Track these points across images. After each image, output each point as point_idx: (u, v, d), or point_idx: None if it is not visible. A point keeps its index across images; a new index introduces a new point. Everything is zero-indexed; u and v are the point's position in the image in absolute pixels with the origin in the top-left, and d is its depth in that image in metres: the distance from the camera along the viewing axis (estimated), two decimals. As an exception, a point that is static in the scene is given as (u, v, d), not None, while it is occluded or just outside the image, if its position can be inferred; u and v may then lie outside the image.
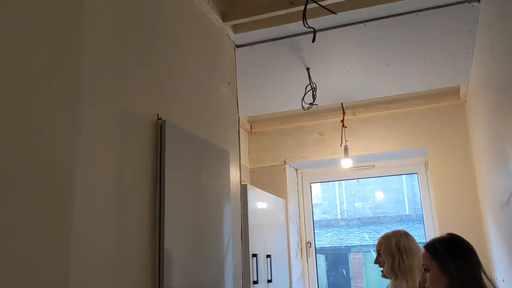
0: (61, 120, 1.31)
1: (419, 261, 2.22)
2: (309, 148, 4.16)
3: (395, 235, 2.33)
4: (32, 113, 1.21)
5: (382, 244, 2.33)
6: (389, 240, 2.31)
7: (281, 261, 3.76)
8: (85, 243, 1.34)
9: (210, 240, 2.04)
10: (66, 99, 1.34)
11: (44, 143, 1.24)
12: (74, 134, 1.36)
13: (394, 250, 2.27)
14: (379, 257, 2.34)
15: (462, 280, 1.67)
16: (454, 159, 3.65)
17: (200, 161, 2.05)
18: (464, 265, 1.70)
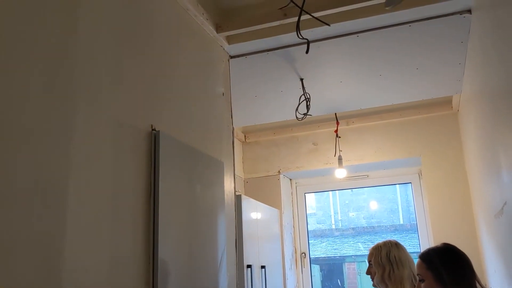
0: (54, 131, 1.30)
1: (409, 272, 2.22)
2: (303, 158, 4.16)
3: (385, 245, 2.34)
4: (26, 123, 1.21)
5: (373, 254, 2.33)
6: (380, 250, 2.32)
7: (275, 272, 3.74)
8: (78, 255, 1.32)
9: (204, 251, 2.03)
10: (59, 110, 1.33)
11: (37, 153, 1.23)
12: (68, 144, 1.35)
13: (385, 261, 2.27)
14: (370, 267, 2.34)
15: None
16: (447, 169, 3.66)
17: (194, 172, 2.04)
18: (458, 275, 1.70)
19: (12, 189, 1.14)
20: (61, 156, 1.31)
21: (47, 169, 1.26)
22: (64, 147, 1.33)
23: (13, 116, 1.17)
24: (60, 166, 1.31)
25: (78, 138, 1.39)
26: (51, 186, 1.27)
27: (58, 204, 1.28)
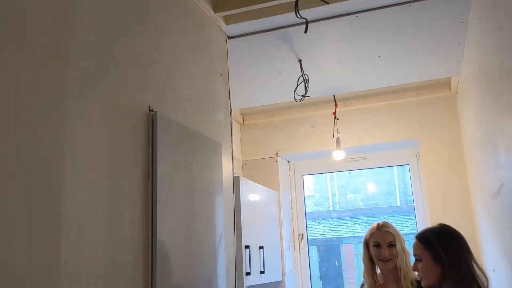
0: (50, 113, 1.29)
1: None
2: (301, 140, 4.16)
3: (397, 231, 2.35)
4: (20, 105, 1.20)
5: (395, 237, 2.30)
6: (398, 234, 2.33)
7: (273, 252, 3.78)
8: (76, 237, 1.33)
9: (203, 232, 2.04)
10: (55, 91, 1.32)
11: (33, 136, 1.22)
12: (64, 126, 1.34)
13: (405, 245, 2.32)
14: (391, 249, 2.30)
15: (455, 269, 1.69)
16: (445, 151, 3.67)
17: (192, 153, 2.04)
18: (456, 255, 1.72)
19: (8, 169, 1.14)
20: (57, 138, 1.31)
21: (43, 150, 1.25)
22: (61, 128, 1.32)
23: (6, 97, 1.16)
24: (56, 148, 1.30)
25: (75, 120, 1.38)
26: (47, 167, 1.26)
27: (55, 186, 1.28)
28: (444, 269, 1.71)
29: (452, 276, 1.69)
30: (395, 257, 2.28)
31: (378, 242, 2.31)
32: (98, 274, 1.40)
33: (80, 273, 1.33)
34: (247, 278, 3.15)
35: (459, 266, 1.70)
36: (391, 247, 2.29)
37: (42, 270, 1.20)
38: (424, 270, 1.78)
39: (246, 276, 3.14)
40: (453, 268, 1.69)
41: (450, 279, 1.69)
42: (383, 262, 2.30)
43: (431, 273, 1.75)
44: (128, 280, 1.54)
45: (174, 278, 1.77)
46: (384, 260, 2.29)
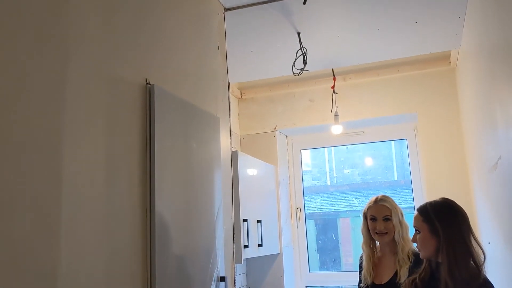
0: (47, 86, 1.28)
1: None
2: (300, 115, 4.15)
3: (394, 204, 2.37)
4: (17, 78, 1.18)
5: (391, 211, 2.32)
6: (395, 207, 2.34)
7: (271, 226, 3.82)
8: (75, 212, 1.33)
9: (201, 206, 2.05)
10: (52, 64, 1.30)
11: (29, 110, 1.21)
12: (60, 99, 1.33)
13: (402, 218, 2.34)
14: (386, 222, 2.32)
15: (450, 243, 1.72)
16: (443, 125, 3.67)
17: (190, 127, 2.03)
18: (452, 229, 1.74)
19: (7, 143, 1.13)
20: (53, 112, 1.29)
21: (39, 125, 1.24)
22: (57, 101, 1.31)
23: (3, 71, 1.14)
24: (53, 121, 1.29)
25: (71, 93, 1.37)
26: (46, 140, 1.26)
27: (53, 160, 1.28)
28: (440, 241, 1.74)
29: (447, 249, 1.71)
30: (391, 230, 2.31)
31: (374, 215, 2.34)
32: (97, 245, 1.41)
33: (79, 243, 1.34)
34: (245, 251, 3.20)
35: (455, 240, 1.72)
36: (386, 221, 2.31)
37: (42, 239, 1.21)
38: (421, 242, 1.81)
39: (244, 249, 3.18)
40: (448, 241, 1.72)
41: (444, 252, 1.72)
42: (378, 235, 2.33)
43: (428, 245, 1.78)
44: (127, 251, 1.55)
45: (173, 250, 1.79)
46: (379, 234, 2.32)
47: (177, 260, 1.82)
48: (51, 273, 1.23)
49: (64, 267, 1.27)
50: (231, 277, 2.30)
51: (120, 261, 1.51)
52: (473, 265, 1.71)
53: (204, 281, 1.97)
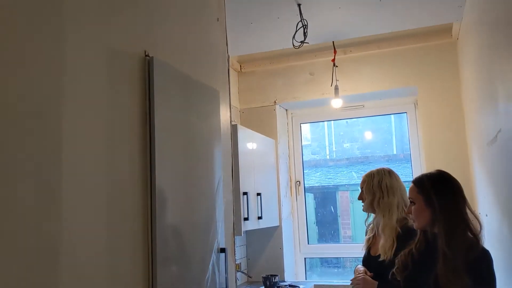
0: (45, 59, 1.27)
1: (399, 200, 2.28)
2: (300, 89, 4.13)
3: (379, 173, 2.38)
4: (15, 51, 1.17)
5: (365, 181, 2.39)
6: (372, 177, 2.37)
7: (271, 199, 3.85)
8: (75, 179, 1.34)
9: (201, 179, 2.06)
10: (50, 37, 1.29)
11: (28, 83, 1.21)
12: (59, 72, 1.32)
13: (376, 188, 2.33)
14: (362, 193, 2.41)
15: (444, 214, 1.73)
16: (443, 98, 3.66)
17: (189, 100, 2.03)
18: (447, 200, 1.75)
19: (7, 115, 1.13)
20: (52, 84, 1.29)
21: (38, 98, 1.24)
22: (56, 75, 1.30)
23: (2, 41, 1.13)
24: (52, 93, 1.29)
25: (70, 66, 1.36)
26: (45, 115, 1.25)
27: (53, 131, 1.28)
28: (435, 213, 1.76)
29: (442, 220, 1.73)
30: (364, 199, 2.39)
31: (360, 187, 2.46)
32: (97, 217, 1.42)
33: (79, 215, 1.35)
34: (245, 223, 3.23)
35: (450, 211, 1.74)
36: (362, 192, 2.41)
37: (42, 211, 1.22)
38: (416, 213, 1.83)
39: (244, 221, 3.21)
40: (443, 213, 1.74)
41: (439, 223, 1.74)
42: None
43: (423, 216, 1.80)
44: (128, 222, 1.57)
45: (173, 221, 1.81)
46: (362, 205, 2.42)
47: (177, 232, 1.84)
48: (52, 244, 1.25)
49: (65, 237, 1.28)
50: (231, 248, 2.33)
51: (121, 233, 1.53)
52: (470, 235, 1.73)
53: (204, 252, 2.00)
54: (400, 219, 2.23)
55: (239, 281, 3.77)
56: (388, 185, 2.32)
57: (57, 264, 1.25)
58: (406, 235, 2.05)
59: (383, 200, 2.30)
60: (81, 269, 1.34)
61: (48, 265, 1.23)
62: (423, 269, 1.78)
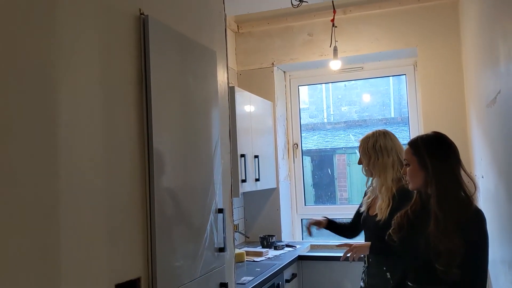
0: (35, 17, 1.23)
1: (394, 159, 2.31)
2: (298, 50, 4.07)
3: (373, 135, 2.41)
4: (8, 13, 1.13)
5: (361, 145, 2.43)
6: (367, 141, 2.41)
7: (268, 161, 3.87)
8: (70, 151, 1.33)
9: (199, 141, 2.06)
10: (39, -11, 1.24)
11: (21, 44, 1.17)
12: (52, 30, 1.28)
13: (370, 150, 2.37)
14: (360, 157, 2.45)
15: (437, 175, 1.75)
16: (443, 60, 3.61)
17: (186, 61, 1.99)
18: (440, 162, 1.76)
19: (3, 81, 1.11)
20: (42, 45, 1.25)
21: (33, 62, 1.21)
22: (48, 32, 1.27)
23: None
24: (43, 55, 1.26)
25: (60, 24, 1.32)
26: (40, 75, 1.23)
27: (48, 92, 1.26)
28: (428, 174, 1.77)
29: (435, 181, 1.74)
30: (361, 162, 2.43)
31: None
32: (95, 180, 1.42)
33: (78, 176, 1.35)
34: (242, 185, 3.26)
35: (443, 173, 1.75)
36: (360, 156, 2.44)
37: (40, 175, 1.22)
38: (411, 175, 1.84)
39: (241, 183, 3.23)
40: (436, 174, 1.75)
41: (433, 184, 1.75)
42: None
43: (417, 178, 1.82)
44: (126, 186, 1.57)
45: (171, 183, 1.82)
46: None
47: (175, 194, 1.85)
48: (50, 204, 1.25)
49: (62, 197, 1.29)
50: (228, 209, 2.35)
51: (119, 195, 1.53)
52: (464, 196, 1.74)
53: (202, 213, 2.02)
54: (397, 180, 2.26)
55: (237, 241, 3.84)
56: (382, 146, 2.35)
57: (57, 225, 1.26)
58: (402, 196, 2.08)
59: (377, 161, 2.34)
60: (80, 232, 1.35)
61: (47, 228, 1.23)
62: (418, 229, 1.81)
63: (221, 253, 2.14)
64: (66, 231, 1.28)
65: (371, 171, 2.38)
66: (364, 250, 2.33)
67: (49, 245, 1.23)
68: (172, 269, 1.76)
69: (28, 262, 1.16)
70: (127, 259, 1.55)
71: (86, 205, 1.37)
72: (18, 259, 1.13)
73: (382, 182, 2.32)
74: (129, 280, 1.54)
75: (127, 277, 1.53)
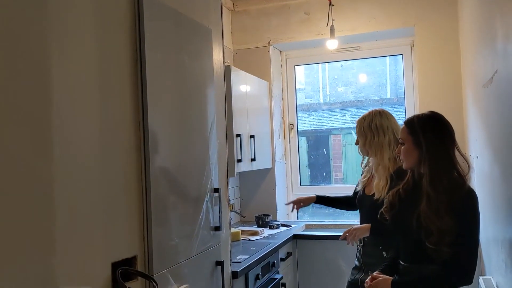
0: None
1: (390, 138, 2.31)
2: (294, 29, 4.03)
3: (369, 115, 2.41)
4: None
5: (357, 125, 2.43)
6: (363, 120, 2.41)
7: (264, 141, 3.86)
8: (66, 128, 1.31)
9: (194, 121, 2.04)
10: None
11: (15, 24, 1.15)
12: (44, 10, 1.26)
13: (366, 130, 2.37)
14: (357, 138, 2.45)
15: (431, 154, 1.75)
16: (441, 40, 3.59)
17: (181, 39, 1.96)
18: (435, 142, 1.76)
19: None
20: (37, 19, 1.23)
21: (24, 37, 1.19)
22: (40, 10, 1.24)
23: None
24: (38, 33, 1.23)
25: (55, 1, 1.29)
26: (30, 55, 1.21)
27: (39, 76, 1.24)
28: (422, 153, 1.77)
29: (429, 160, 1.75)
30: (358, 142, 2.44)
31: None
32: (91, 158, 1.42)
33: (72, 156, 1.34)
34: (238, 165, 3.26)
35: (436, 152, 1.75)
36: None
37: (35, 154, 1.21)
38: (405, 153, 1.84)
39: (237, 163, 3.23)
40: (430, 153, 1.75)
41: (426, 163, 1.76)
42: None
43: (411, 156, 1.82)
44: (122, 165, 1.56)
45: (167, 163, 1.81)
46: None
47: (171, 173, 1.85)
48: (45, 184, 1.24)
49: (57, 177, 1.28)
50: (224, 188, 2.36)
51: (115, 175, 1.53)
52: (457, 176, 1.75)
53: (198, 192, 2.02)
54: (393, 159, 2.27)
55: (232, 221, 3.86)
56: (378, 125, 2.35)
57: (52, 205, 1.25)
58: (400, 175, 2.08)
59: (373, 140, 2.34)
60: (76, 211, 1.34)
61: (42, 208, 1.23)
62: (409, 208, 1.82)
63: (217, 232, 2.16)
64: (62, 211, 1.28)
65: (367, 150, 2.39)
66: (364, 232, 2.34)
67: (45, 225, 1.23)
68: (168, 247, 1.77)
69: (23, 242, 1.16)
70: (123, 238, 1.56)
71: (81, 184, 1.37)
72: (13, 239, 1.13)
73: (378, 161, 2.33)
74: (126, 259, 1.55)
75: (123, 256, 1.54)
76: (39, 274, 1.20)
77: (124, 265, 1.53)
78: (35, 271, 1.19)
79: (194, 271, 1.95)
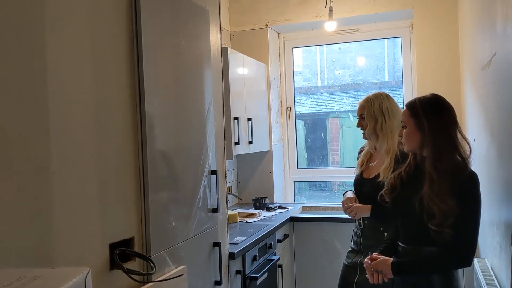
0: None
1: (398, 122, 2.29)
2: (292, 10, 3.98)
3: (377, 97, 2.36)
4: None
5: (365, 107, 2.36)
6: (372, 103, 2.35)
7: (261, 124, 3.86)
8: (63, 109, 1.30)
9: (191, 103, 2.03)
10: None
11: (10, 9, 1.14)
12: (37, -18, 1.24)
13: (378, 113, 2.32)
14: (361, 120, 2.39)
15: (434, 137, 1.75)
16: (440, 22, 3.56)
17: (178, 19, 1.94)
18: (437, 124, 1.76)
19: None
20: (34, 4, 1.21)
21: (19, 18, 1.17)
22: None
23: None
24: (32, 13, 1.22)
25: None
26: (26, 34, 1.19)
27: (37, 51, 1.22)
28: (424, 136, 1.77)
29: (431, 143, 1.75)
30: (365, 127, 2.38)
31: (357, 114, 2.44)
32: (88, 139, 1.41)
33: (69, 137, 1.33)
34: (235, 148, 3.26)
35: (439, 134, 1.75)
36: (362, 119, 2.39)
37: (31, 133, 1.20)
38: (406, 136, 1.84)
39: (234, 146, 3.23)
40: (432, 136, 1.75)
41: (429, 145, 1.75)
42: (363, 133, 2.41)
43: (413, 139, 1.82)
44: (119, 147, 1.56)
45: (164, 145, 1.81)
46: (362, 132, 2.41)
47: (168, 155, 1.84)
48: (42, 165, 1.24)
49: (54, 158, 1.28)
50: (222, 171, 2.36)
51: (112, 156, 1.52)
52: (459, 158, 1.75)
53: (196, 174, 2.02)
54: (399, 142, 2.26)
55: (230, 203, 3.88)
56: (389, 109, 2.33)
57: (49, 186, 1.25)
58: (403, 158, 2.08)
59: (385, 124, 2.31)
60: (73, 192, 1.34)
61: (39, 189, 1.23)
62: (410, 191, 1.83)
63: (214, 214, 2.17)
64: (59, 192, 1.28)
65: (377, 134, 2.34)
66: (364, 212, 2.33)
67: (42, 206, 1.23)
68: (166, 229, 1.78)
69: (21, 224, 1.16)
70: (121, 219, 1.56)
71: (78, 165, 1.36)
72: (11, 221, 1.13)
73: (390, 145, 2.29)
74: (123, 240, 1.56)
75: (121, 237, 1.55)
76: (37, 254, 1.21)
77: (122, 246, 1.53)
78: (33, 251, 1.19)
79: (192, 253, 1.96)
